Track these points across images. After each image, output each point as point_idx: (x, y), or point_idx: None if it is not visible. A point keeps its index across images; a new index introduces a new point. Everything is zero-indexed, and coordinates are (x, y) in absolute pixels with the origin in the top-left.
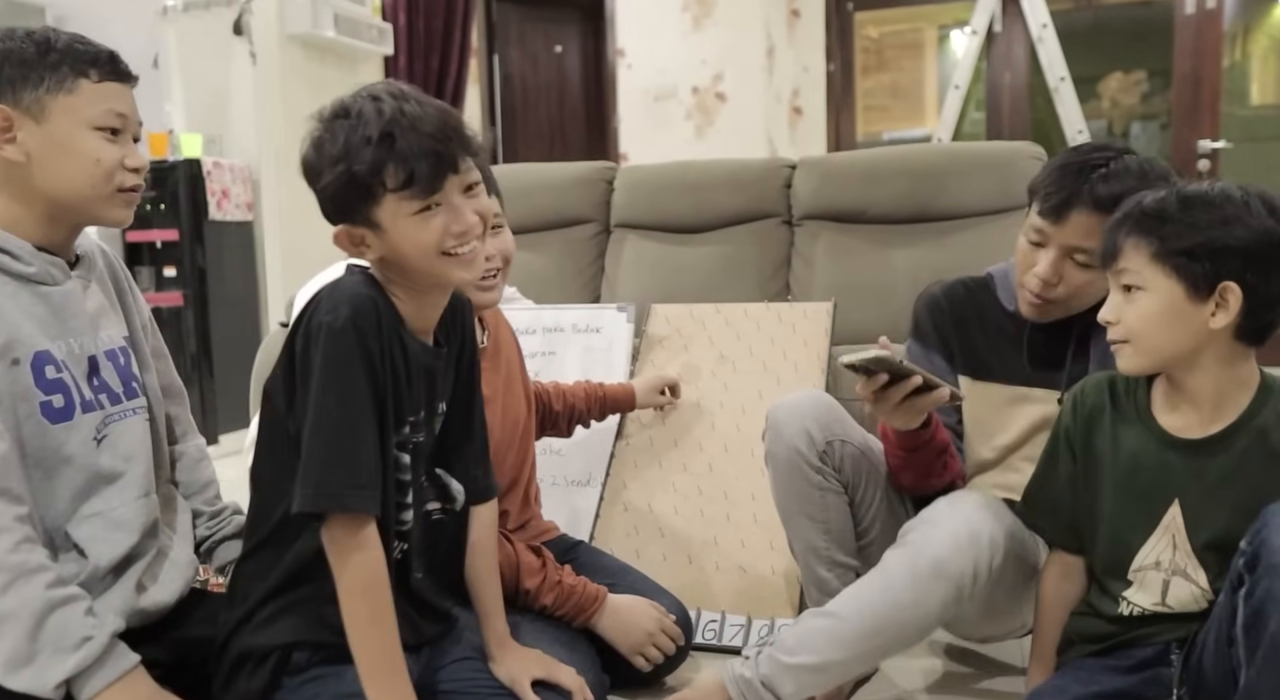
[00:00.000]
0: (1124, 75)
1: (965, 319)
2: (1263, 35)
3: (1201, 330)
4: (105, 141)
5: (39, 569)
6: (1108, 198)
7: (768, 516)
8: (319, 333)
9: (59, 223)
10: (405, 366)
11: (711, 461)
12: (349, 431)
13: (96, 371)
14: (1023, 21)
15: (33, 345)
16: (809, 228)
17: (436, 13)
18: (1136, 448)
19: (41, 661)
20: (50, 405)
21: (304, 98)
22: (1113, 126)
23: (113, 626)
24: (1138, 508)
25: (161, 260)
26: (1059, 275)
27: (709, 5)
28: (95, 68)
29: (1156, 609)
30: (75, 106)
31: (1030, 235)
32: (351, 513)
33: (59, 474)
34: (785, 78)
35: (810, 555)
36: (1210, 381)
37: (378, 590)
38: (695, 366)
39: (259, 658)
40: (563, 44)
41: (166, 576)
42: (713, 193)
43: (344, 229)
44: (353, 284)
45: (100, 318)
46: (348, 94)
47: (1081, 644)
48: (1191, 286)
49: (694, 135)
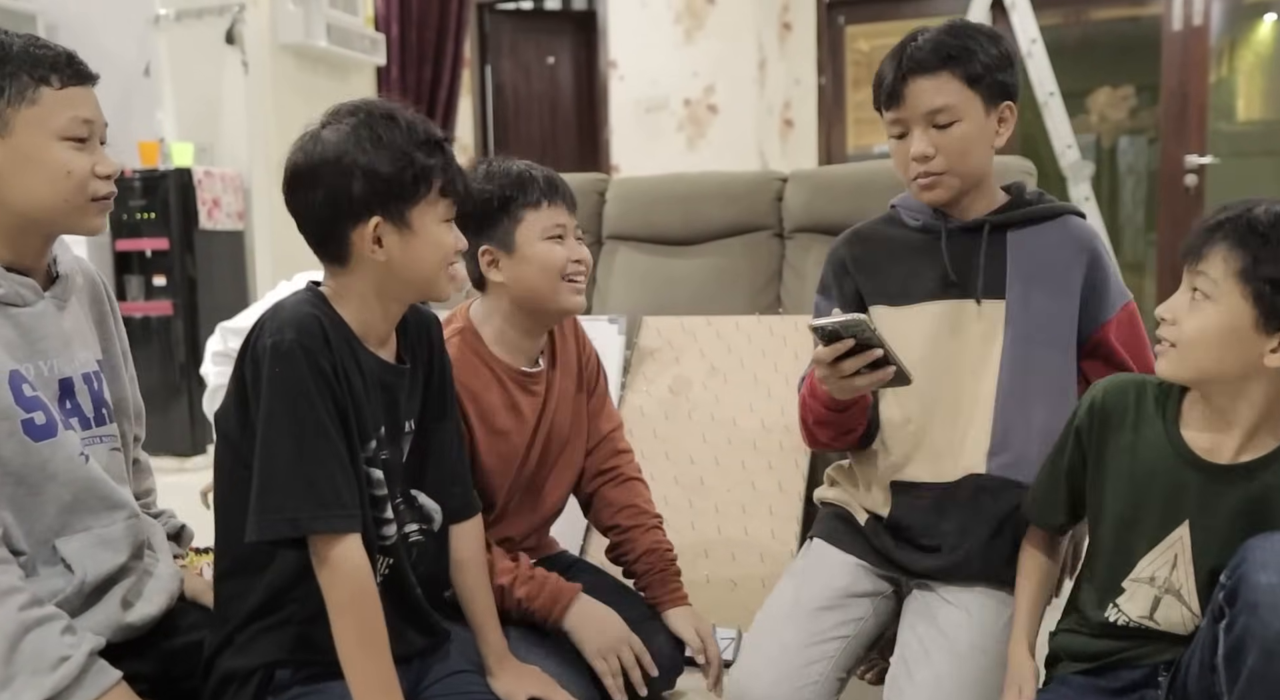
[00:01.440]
0: (1112, 90)
1: (874, 254)
2: (1249, 51)
3: (1255, 361)
4: (74, 151)
5: (10, 591)
6: (931, 51)
7: (759, 530)
8: (264, 356)
9: (30, 236)
10: (362, 381)
11: (703, 475)
12: (305, 454)
13: (70, 394)
14: (1012, 36)
15: (8, 364)
16: (800, 240)
17: (429, 23)
18: (1155, 460)
19: (19, 684)
20: (32, 422)
21: (296, 107)
22: (1101, 140)
23: (90, 644)
24: (1145, 521)
25: (151, 269)
26: (932, 145)
27: (701, 17)
28: (56, 73)
29: (1142, 621)
30: (40, 117)
31: (892, 132)
32: (318, 534)
33: (45, 490)
34: (777, 90)
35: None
36: (1252, 411)
37: (366, 607)
38: (686, 379)
39: (242, 679)
40: (555, 55)
41: (150, 591)
42: (704, 205)
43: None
44: (295, 303)
45: (75, 339)
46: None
47: (1069, 661)
48: (1264, 315)
49: (685, 147)
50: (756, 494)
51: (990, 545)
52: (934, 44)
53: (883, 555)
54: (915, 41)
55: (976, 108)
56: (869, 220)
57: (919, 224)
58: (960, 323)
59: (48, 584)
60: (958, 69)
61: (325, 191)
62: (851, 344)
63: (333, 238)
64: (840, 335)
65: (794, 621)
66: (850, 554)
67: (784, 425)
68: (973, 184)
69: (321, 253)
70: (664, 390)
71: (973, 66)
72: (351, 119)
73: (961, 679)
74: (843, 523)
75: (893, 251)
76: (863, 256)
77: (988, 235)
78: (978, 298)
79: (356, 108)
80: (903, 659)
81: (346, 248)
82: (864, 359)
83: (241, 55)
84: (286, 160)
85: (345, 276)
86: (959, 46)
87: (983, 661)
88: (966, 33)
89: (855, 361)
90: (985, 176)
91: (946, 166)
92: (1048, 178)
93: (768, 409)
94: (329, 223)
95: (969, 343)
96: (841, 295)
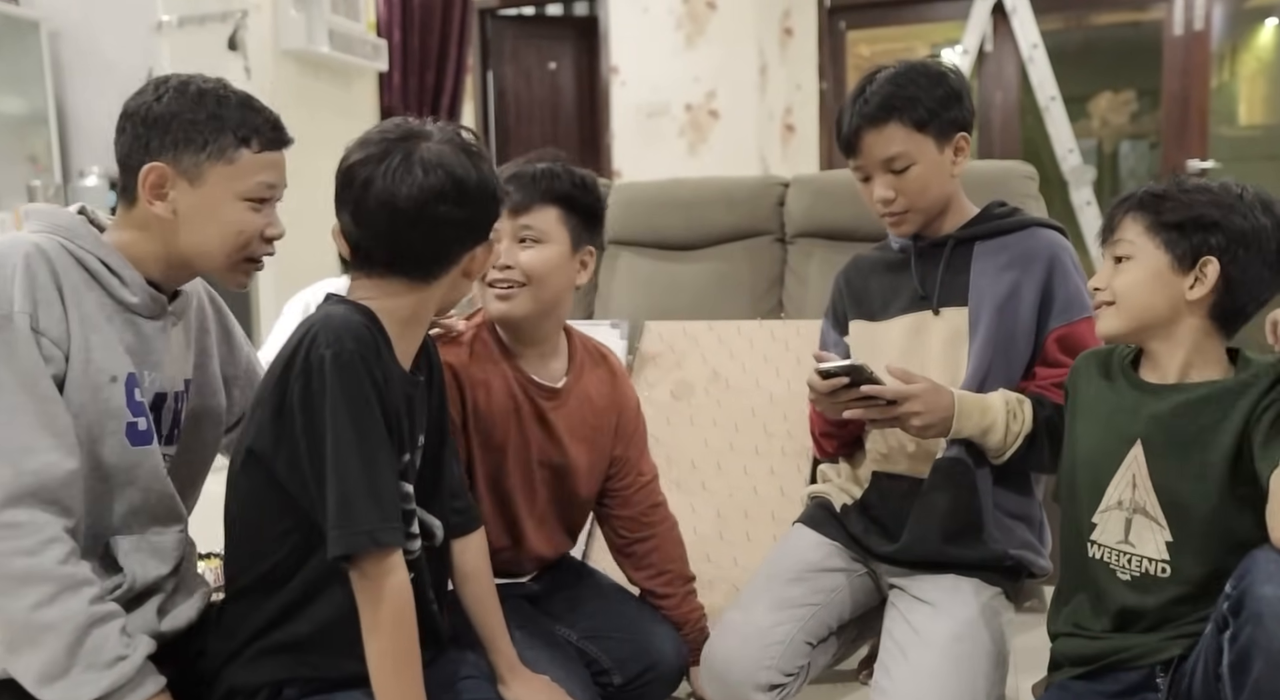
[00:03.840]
0: (1114, 95)
1: (864, 277)
2: (1250, 57)
3: (1178, 299)
4: (250, 212)
5: (85, 582)
6: (877, 107)
7: (761, 534)
8: (321, 367)
9: (179, 271)
10: (396, 393)
11: (705, 479)
12: (371, 465)
13: (160, 408)
14: (1013, 41)
15: (129, 366)
16: (802, 245)
17: (432, 29)
18: (1114, 395)
19: (75, 676)
20: (135, 427)
21: (298, 113)
22: (1103, 145)
23: (146, 648)
24: (1106, 447)
25: None
26: (892, 189)
27: (702, 23)
28: (259, 137)
29: (1120, 546)
30: (231, 176)
31: (857, 177)
32: (382, 548)
33: (124, 491)
34: (778, 95)
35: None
36: (1180, 350)
37: (407, 624)
38: (688, 383)
39: (248, 694)
40: (557, 60)
41: (185, 602)
42: (706, 210)
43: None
44: (345, 314)
45: (178, 357)
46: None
47: (1070, 666)
48: (1176, 257)
49: (687, 152)
50: (759, 499)
51: (942, 531)
52: (880, 98)
53: (853, 538)
54: (864, 93)
55: (929, 148)
56: (871, 247)
57: (899, 246)
58: (924, 331)
59: (104, 586)
60: (904, 117)
61: (464, 215)
62: (845, 382)
63: (443, 258)
64: (835, 374)
65: (765, 593)
66: (825, 535)
67: (786, 430)
68: (939, 210)
69: (413, 270)
70: (666, 395)
71: (917, 113)
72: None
73: (937, 669)
74: (822, 510)
75: (877, 273)
76: (854, 280)
77: (952, 249)
78: (934, 308)
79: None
80: (883, 663)
81: (446, 267)
82: (855, 393)
83: (244, 61)
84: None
85: (413, 293)
86: (903, 97)
87: (956, 649)
88: (910, 79)
89: (848, 393)
90: (951, 199)
91: (908, 205)
92: (1049, 182)
93: (770, 414)
94: (451, 245)
95: (934, 349)
96: (835, 316)
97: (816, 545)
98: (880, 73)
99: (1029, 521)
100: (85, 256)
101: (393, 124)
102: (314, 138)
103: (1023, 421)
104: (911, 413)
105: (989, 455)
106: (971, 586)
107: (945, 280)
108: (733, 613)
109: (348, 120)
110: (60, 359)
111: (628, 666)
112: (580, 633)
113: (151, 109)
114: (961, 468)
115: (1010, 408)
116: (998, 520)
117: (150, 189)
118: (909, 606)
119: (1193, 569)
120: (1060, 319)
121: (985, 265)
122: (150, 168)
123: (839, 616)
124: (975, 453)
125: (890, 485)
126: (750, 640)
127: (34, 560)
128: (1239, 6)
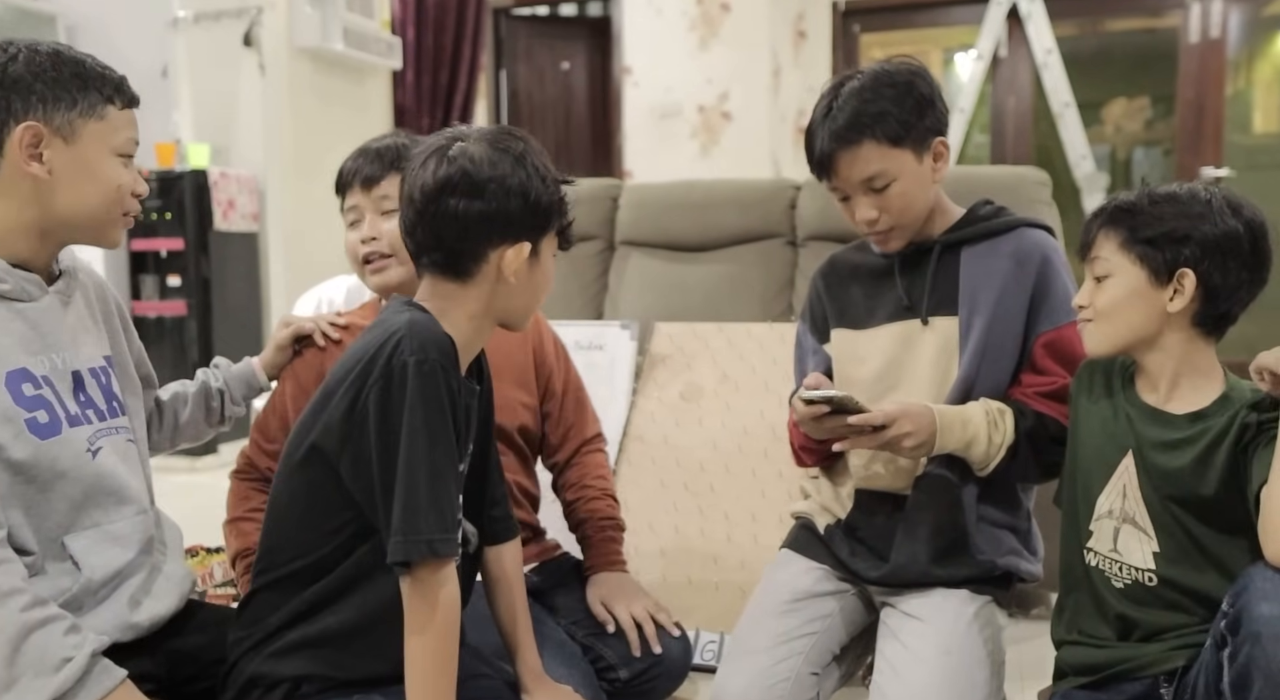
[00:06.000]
0: (1128, 101)
1: (842, 281)
2: (1266, 64)
3: (1160, 313)
4: (123, 168)
5: (12, 592)
6: (846, 126)
7: (768, 537)
8: (404, 373)
9: (50, 241)
10: (460, 404)
11: (713, 481)
12: (438, 475)
13: (81, 387)
14: (1028, 46)
15: (10, 363)
16: (813, 248)
17: (446, 28)
18: (1109, 404)
19: (22, 685)
20: (35, 421)
21: (311, 110)
22: (1116, 152)
23: (93, 644)
24: (1100, 456)
25: (166, 269)
26: (875, 209)
27: (716, 25)
28: (120, 95)
29: (1110, 555)
30: (104, 132)
31: (835, 197)
32: (440, 558)
33: (54, 487)
34: (791, 98)
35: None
36: (1169, 362)
37: (453, 634)
38: (698, 385)
39: (269, 685)
40: (570, 61)
41: (160, 590)
42: (718, 212)
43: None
44: (427, 322)
45: (81, 335)
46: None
47: (1074, 676)
48: (1153, 272)
49: (699, 153)
50: (767, 502)
51: (930, 551)
52: (850, 116)
53: (839, 560)
54: (831, 111)
55: (907, 161)
56: (846, 247)
57: (881, 250)
58: (912, 342)
59: (55, 583)
60: (877, 134)
61: (478, 208)
62: (827, 410)
63: (468, 254)
64: (816, 401)
65: (761, 625)
66: (812, 560)
67: None
68: (924, 219)
69: (446, 267)
70: (675, 396)
71: (889, 127)
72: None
73: (930, 686)
74: (807, 532)
75: (858, 278)
76: (833, 283)
77: (940, 255)
78: (924, 318)
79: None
80: (878, 684)
81: (477, 264)
82: (839, 420)
83: (258, 58)
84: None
85: (460, 294)
86: (874, 113)
87: (949, 663)
88: (878, 92)
89: (832, 420)
90: (935, 205)
91: (894, 223)
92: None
93: (779, 417)
94: (470, 241)
95: (921, 361)
96: (813, 320)
97: (806, 571)
98: (845, 86)
99: (1015, 530)
100: None
101: (451, 129)
102: (326, 135)
103: (1004, 432)
104: (902, 434)
105: (973, 467)
106: (961, 598)
107: (933, 288)
108: (734, 647)
109: (361, 118)
110: None
111: (633, 662)
112: (584, 629)
113: (8, 71)
114: (944, 483)
115: (991, 418)
116: (983, 532)
117: (26, 149)
118: (899, 623)
119: (1180, 580)
120: (1047, 323)
121: (974, 270)
122: (26, 127)
123: (838, 641)
124: (959, 467)
125: (874, 504)
126: (754, 682)
127: None
128: (1256, 14)
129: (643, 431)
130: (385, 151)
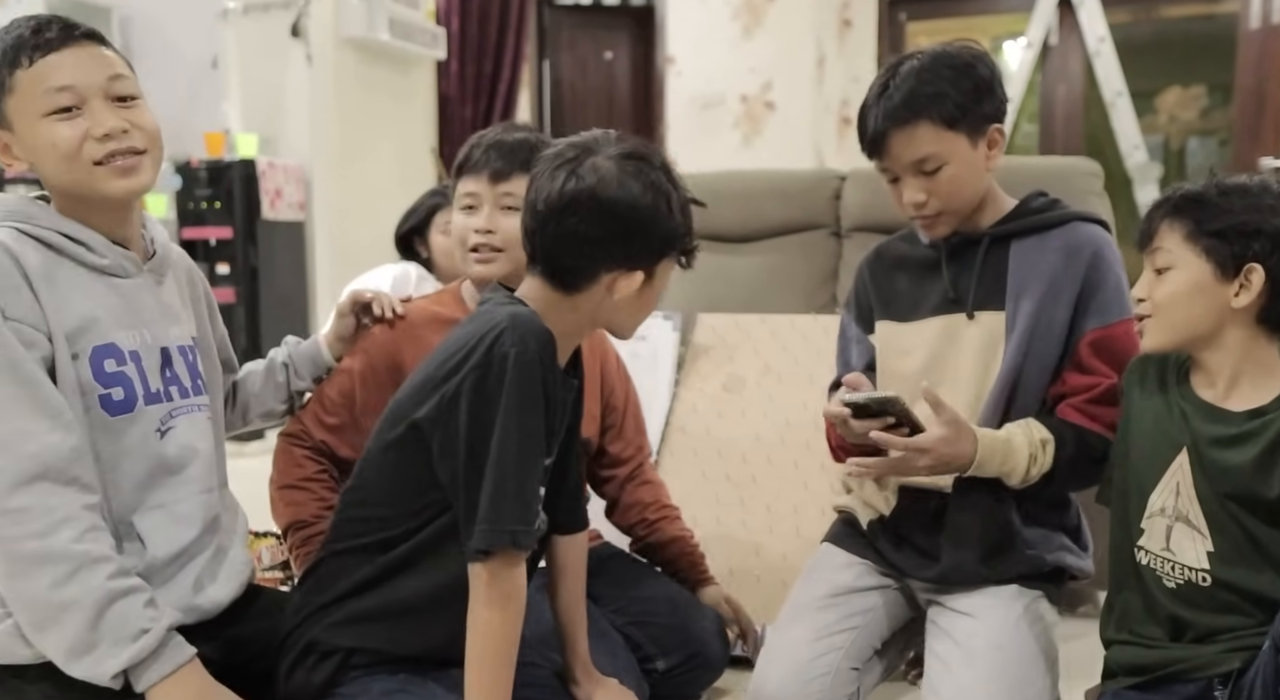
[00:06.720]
0: (1183, 90)
1: (890, 271)
2: None
3: (1224, 309)
4: (60, 123)
5: (102, 559)
6: (901, 104)
7: (810, 530)
8: (504, 363)
9: (98, 212)
10: (554, 398)
11: (755, 473)
12: (526, 467)
13: (169, 363)
14: (1079, 34)
15: (102, 337)
16: (858, 240)
17: (490, 18)
18: (1164, 401)
19: (100, 651)
20: (109, 398)
21: (357, 100)
22: (1170, 142)
23: (170, 619)
24: (1153, 453)
25: (215, 257)
26: (924, 192)
27: (760, 14)
28: (22, 52)
29: (1162, 553)
30: (22, 101)
31: (884, 178)
32: (519, 549)
33: (119, 466)
34: (835, 87)
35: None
36: (1230, 359)
37: (518, 625)
38: (740, 377)
39: (324, 653)
40: (613, 50)
41: (224, 575)
42: (761, 203)
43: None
44: (530, 316)
45: (170, 314)
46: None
47: (1124, 675)
48: (1219, 266)
49: (741, 144)
50: (809, 494)
51: (980, 549)
52: (905, 95)
53: (883, 557)
54: (887, 90)
55: (961, 146)
56: (893, 237)
57: (929, 241)
58: (957, 336)
59: (125, 561)
60: (933, 115)
61: (599, 233)
62: (887, 422)
63: (580, 272)
64: (870, 409)
65: (801, 619)
66: (854, 554)
67: None
68: (973, 208)
69: (555, 277)
70: (718, 388)
71: (946, 110)
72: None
73: (983, 682)
74: (848, 527)
75: (905, 268)
76: (879, 273)
77: (988, 247)
78: (969, 311)
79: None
80: (929, 681)
81: (588, 282)
82: (881, 422)
83: (306, 48)
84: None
85: (564, 303)
86: (930, 93)
87: (999, 658)
88: (936, 72)
89: (873, 422)
90: (986, 195)
91: (941, 208)
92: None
93: (822, 409)
94: (585, 260)
95: (966, 355)
96: (859, 310)
97: (847, 566)
98: (903, 65)
99: (1064, 527)
100: (44, 233)
101: (589, 134)
102: (372, 124)
103: (1042, 465)
104: (921, 467)
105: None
106: (1011, 593)
107: (980, 282)
108: (774, 640)
109: (406, 107)
110: (43, 341)
111: (672, 653)
112: (626, 618)
113: None
114: (986, 483)
115: (1033, 451)
116: (1031, 530)
117: (2, 154)
118: (950, 621)
119: (1236, 580)
120: (1096, 320)
121: (1023, 264)
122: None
123: (879, 636)
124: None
125: (917, 500)
126: (792, 675)
127: (44, 542)
128: None
129: (685, 423)
130: (518, 148)
